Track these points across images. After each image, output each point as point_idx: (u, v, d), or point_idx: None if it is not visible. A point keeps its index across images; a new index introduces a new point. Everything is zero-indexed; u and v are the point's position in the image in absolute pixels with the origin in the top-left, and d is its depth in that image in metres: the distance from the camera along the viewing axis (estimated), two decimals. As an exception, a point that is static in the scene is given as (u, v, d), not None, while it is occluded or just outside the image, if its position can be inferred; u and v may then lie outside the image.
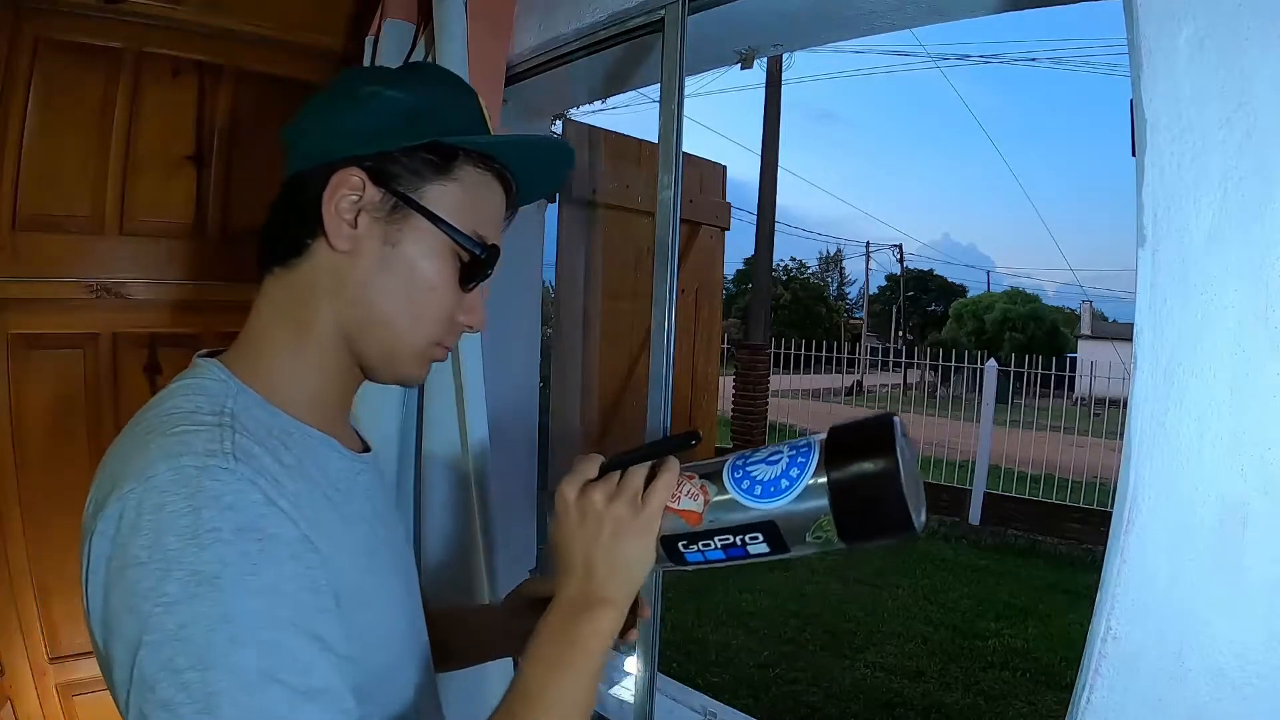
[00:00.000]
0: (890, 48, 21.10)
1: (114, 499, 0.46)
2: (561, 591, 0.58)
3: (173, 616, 0.42)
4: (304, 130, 0.62)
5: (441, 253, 0.60)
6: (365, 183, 0.57)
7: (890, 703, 3.43)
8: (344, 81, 0.62)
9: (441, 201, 0.59)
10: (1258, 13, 0.56)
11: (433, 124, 0.59)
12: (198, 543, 0.43)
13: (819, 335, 18.48)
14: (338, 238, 0.57)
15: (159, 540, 0.43)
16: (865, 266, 26.89)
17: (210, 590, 0.43)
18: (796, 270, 30.73)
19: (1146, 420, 0.62)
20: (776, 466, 0.53)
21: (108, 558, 0.45)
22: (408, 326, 0.60)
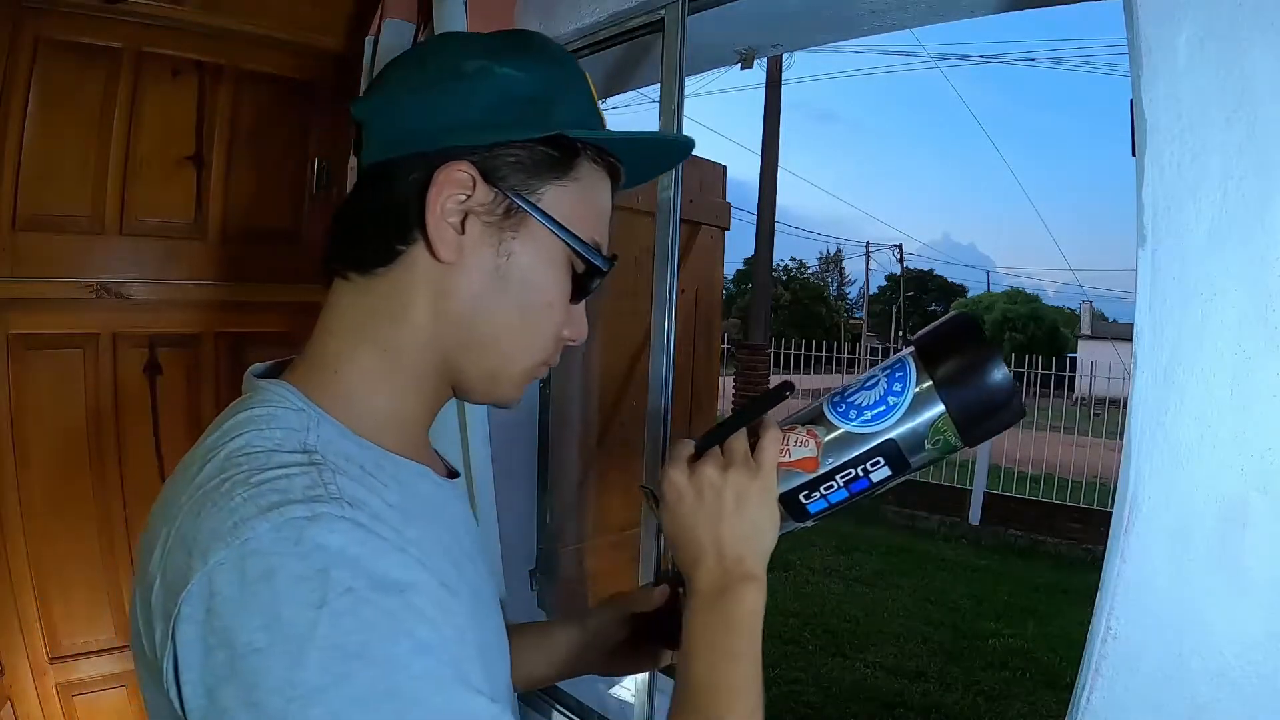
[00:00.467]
0: (890, 48, 21.11)
1: (198, 573, 0.37)
2: (696, 580, 0.54)
3: (318, 708, 0.34)
4: (390, 108, 0.50)
5: (558, 263, 0.52)
6: (476, 180, 0.48)
7: (890, 703, 3.43)
8: (439, 52, 0.52)
9: (560, 205, 0.51)
10: (1258, 13, 0.56)
11: (555, 113, 0.50)
12: (331, 611, 0.35)
13: (819, 335, 18.48)
14: (443, 246, 0.48)
15: (278, 614, 0.35)
16: (865, 266, 26.92)
17: (361, 666, 0.35)
18: (796, 270, 30.77)
19: (1146, 420, 0.62)
20: (876, 390, 0.54)
21: (206, 647, 0.36)
22: (518, 347, 0.52)
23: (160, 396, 1.58)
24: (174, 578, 0.38)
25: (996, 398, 0.51)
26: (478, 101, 0.49)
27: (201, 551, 0.38)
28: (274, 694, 0.34)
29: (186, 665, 0.37)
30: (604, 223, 0.55)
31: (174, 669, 0.37)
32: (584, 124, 0.52)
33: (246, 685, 0.35)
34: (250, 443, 0.44)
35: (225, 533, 0.38)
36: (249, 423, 0.46)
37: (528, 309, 0.51)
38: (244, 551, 0.37)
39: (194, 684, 0.37)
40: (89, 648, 1.52)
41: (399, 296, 0.50)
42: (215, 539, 0.38)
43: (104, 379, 1.51)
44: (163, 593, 0.39)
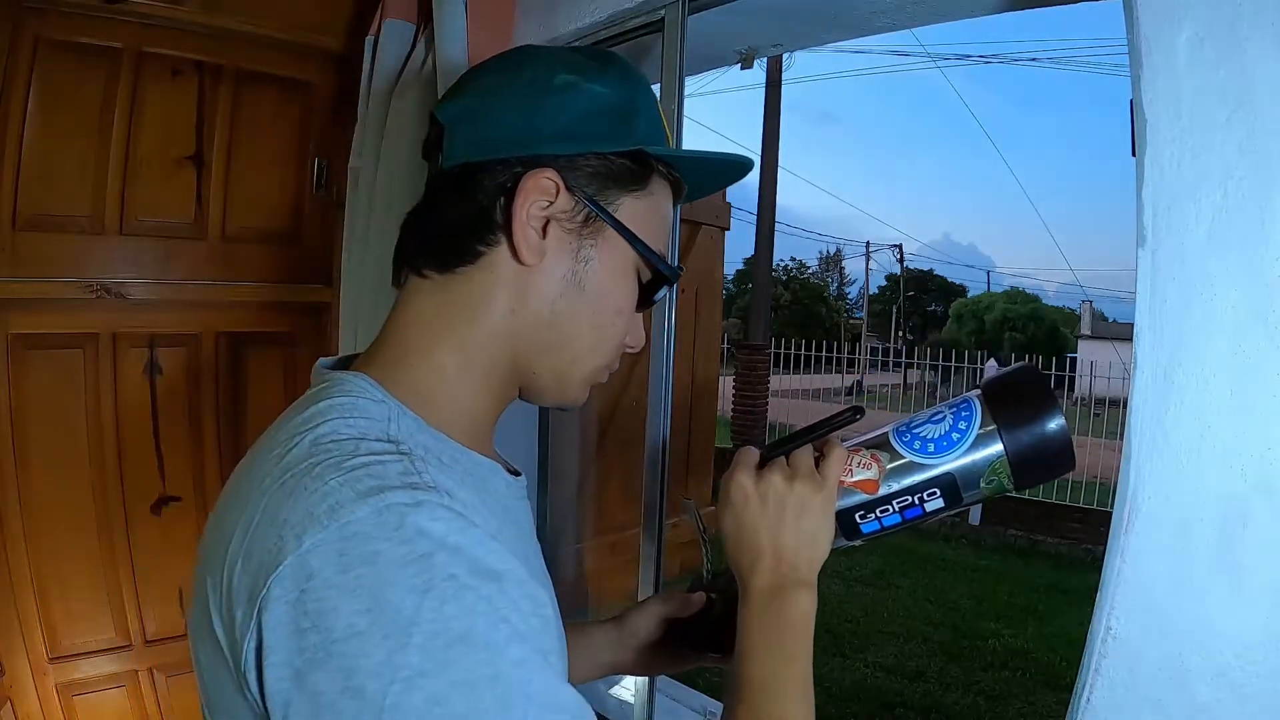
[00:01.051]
0: (890, 48, 21.12)
1: (291, 554, 0.37)
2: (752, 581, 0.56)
3: (421, 691, 0.35)
4: (479, 115, 0.52)
5: (629, 271, 0.54)
6: (559, 187, 0.50)
7: (890, 703, 3.43)
8: (528, 64, 0.54)
9: (634, 216, 0.53)
10: (1257, 12, 0.56)
11: (636, 127, 0.53)
12: (437, 594, 0.36)
13: (819, 335, 18.49)
14: (526, 249, 0.50)
15: (382, 598, 0.35)
16: (865, 266, 26.91)
17: (464, 651, 0.36)
18: (796, 270, 30.74)
19: (1146, 420, 0.62)
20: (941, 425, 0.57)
21: (298, 629, 0.36)
22: (589, 350, 0.54)
23: (160, 396, 1.58)
24: (262, 559, 0.38)
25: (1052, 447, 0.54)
26: (566, 114, 0.51)
27: (296, 533, 0.38)
28: (375, 677, 0.34)
29: (273, 648, 0.36)
30: (668, 234, 0.58)
31: (256, 651, 0.37)
32: (657, 140, 0.54)
33: (345, 669, 0.35)
34: (336, 430, 0.44)
35: (322, 515, 0.38)
36: (331, 410, 0.46)
37: (600, 314, 0.54)
38: (344, 534, 0.37)
39: (280, 666, 0.36)
40: (89, 648, 1.52)
41: (479, 295, 0.52)
42: (311, 521, 0.38)
43: (104, 379, 1.51)
44: (247, 575, 0.39)
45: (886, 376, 16.45)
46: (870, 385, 14.33)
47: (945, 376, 9.26)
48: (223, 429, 1.66)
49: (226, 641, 0.40)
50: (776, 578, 0.55)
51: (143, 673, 1.58)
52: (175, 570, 1.60)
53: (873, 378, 16.13)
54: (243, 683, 0.38)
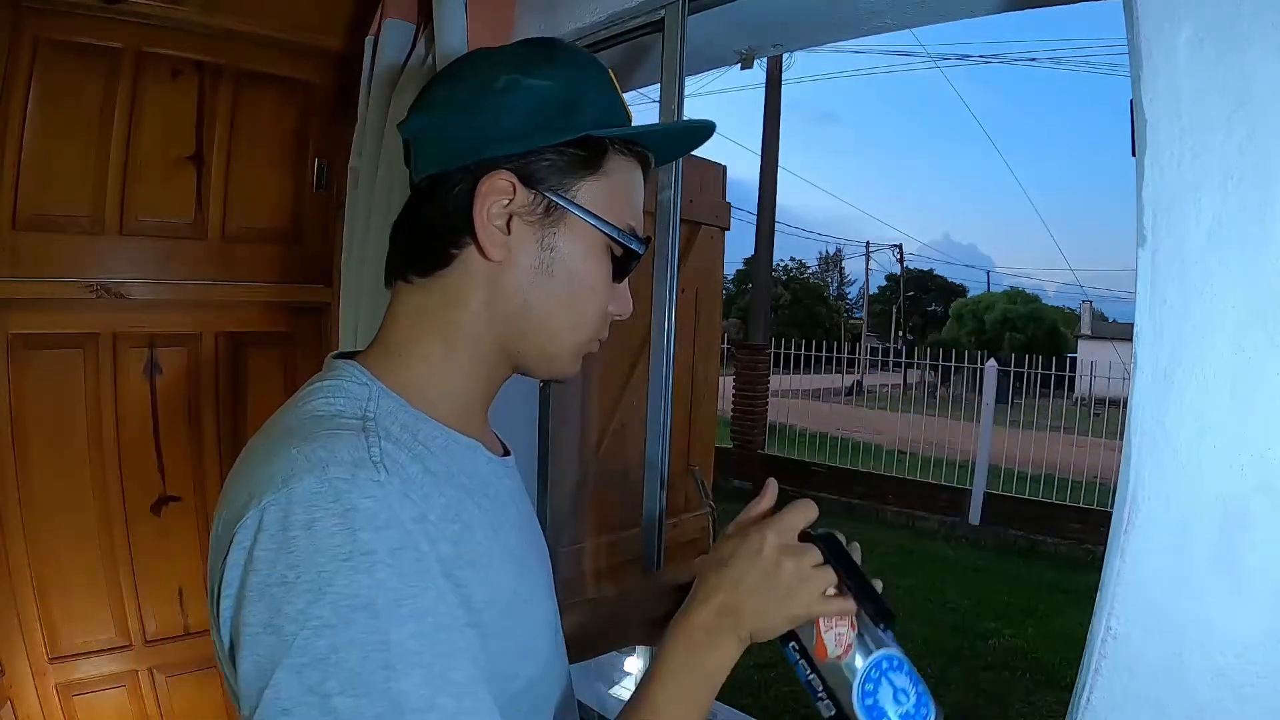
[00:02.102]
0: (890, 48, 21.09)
1: (252, 508, 0.44)
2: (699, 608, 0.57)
3: (323, 640, 0.40)
4: (434, 127, 0.56)
5: (597, 250, 0.57)
6: (515, 185, 0.54)
7: (890, 703, 3.43)
8: (472, 69, 0.57)
9: (595, 198, 0.56)
10: (1257, 12, 0.56)
11: (582, 115, 0.55)
12: (352, 565, 0.42)
13: (819, 335, 18.49)
14: (492, 247, 0.54)
15: (310, 560, 0.41)
16: (865, 266, 26.89)
17: (366, 616, 0.41)
18: (796, 270, 30.72)
19: (1146, 420, 0.62)
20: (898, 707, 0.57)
21: (244, 570, 0.43)
22: (568, 328, 0.58)
23: (160, 396, 1.58)
24: (234, 511, 0.45)
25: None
26: (510, 113, 0.54)
27: (259, 493, 0.44)
28: (291, 620, 0.41)
29: (228, 582, 0.44)
30: (637, 207, 0.60)
31: (219, 585, 0.44)
32: (609, 120, 0.56)
33: (270, 609, 0.41)
34: (317, 409, 0.51)
35: (278, 481, 0.44)
36: (319, 392, 0.53)
37: (573, 295, 0.57)
38: (290, 499, 0.43)
39: (230, 598, 0.43)
40: (89, 648, 1.52)
41: (456, 293, 0.57)
42: (269, 484, 0.44)
43: (104, 379, 1.51)
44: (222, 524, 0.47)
45: (886, 376, 16.44)
46: (870, 385, 14.31)
47: (945, 377, 9.25)
48: (223, 429, 1.66)
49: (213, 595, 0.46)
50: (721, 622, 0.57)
51: (143, 673, 1.58)
52: (175, 570, 1.60)
53: (873, 378, 16.11)
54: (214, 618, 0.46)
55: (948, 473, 7.07)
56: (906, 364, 16.01)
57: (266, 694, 0.40)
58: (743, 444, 7.92)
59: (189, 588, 1.62)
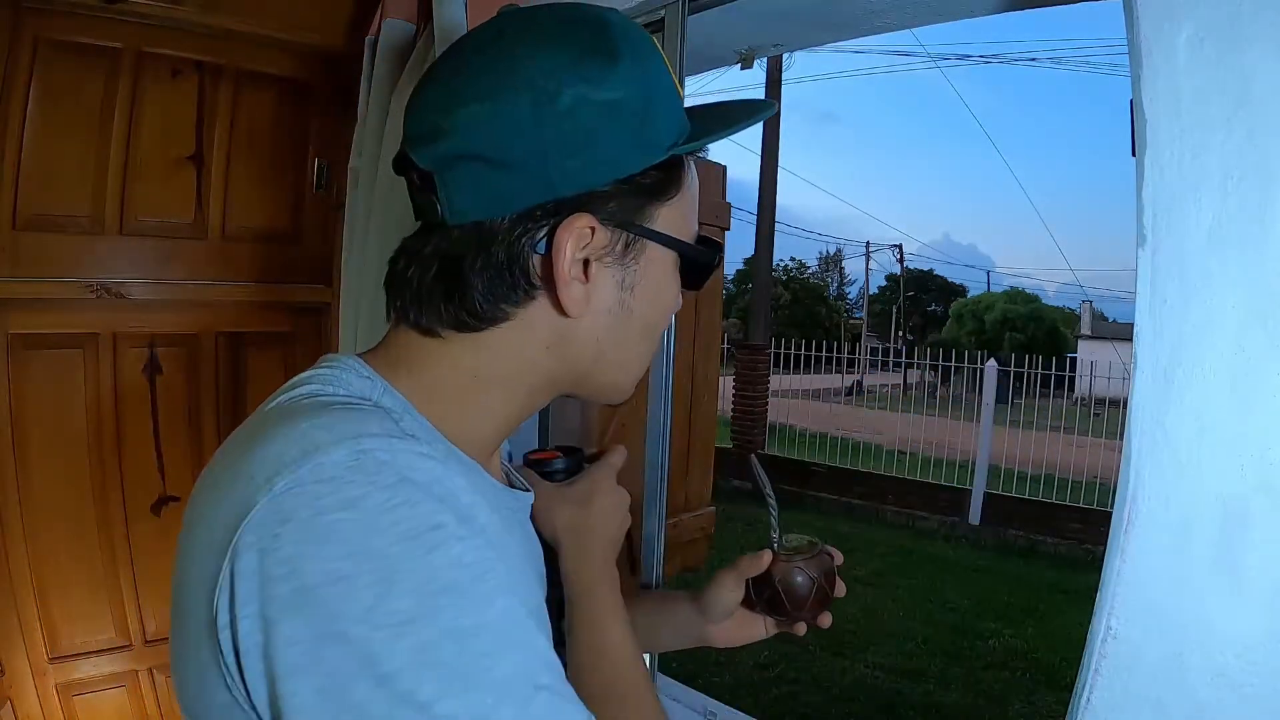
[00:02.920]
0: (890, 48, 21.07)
1: (262, 497, 0.35)
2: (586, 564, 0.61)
3: (408, 639, 0.33)
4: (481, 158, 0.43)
5: (672, 273, 0.51)
6: (596, 228, 0.45)
7: (890, 703, 3.43)
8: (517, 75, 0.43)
9: (672, 220, 0.49)
10: (1257, 13, 0.56)
11: (659, 128, 0.46)
12: (422, 543, 0.35)
13: (819, 335, 18.49)
14: (572, 303, 0.45)
15: (367, 544, 0.34)
16: (865, 266, 26.91)
17: (452, 599, 0.35)
18: (796, 270, 30.71)
19: (1146, 420, 0.62)
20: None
21: (269, 577, 0.34)
22: (642, 356, 0.53)
23: (160, 396, 1.58)
24: (232, 508, 0.36)
25: None
26: (585, 142, 0.43)
27: (266, 478, 0.36)
28: (359, 623, 0.33)
29: (244, 599, 0.34)
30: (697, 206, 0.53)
31: (230, 605, 0.35)
32: (681, 124, 0.48)
33: (326, 615, 0.33)
34: (315, 392, 0.44)
35: (293, 459, 0.36)
36: (312, 379, 0.46)
37: (650, 326, 0.51)
38: (319, 476, 0.35)
39: (252, 618, 0.34)
40: (89, 648, 1.52)
41: (509, 350, 0.48)
42: (281, 464, 0.36)
43: (104, 379, 1.51)
44: (219, 528, 0.36)
45: (886, 376, 16.44)
46: (870, 385, 14.31)
47: (945, 376, 9.26)
48: (223, 429, 1.66)
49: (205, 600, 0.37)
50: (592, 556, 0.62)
51: (143, 673, 1.58)
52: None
53: (873, 378, 16.11)
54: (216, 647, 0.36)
55: (948, 473, 7.06)
56: (906, 364, 16.02)
57: (348, 717, 0.33)
58: (743, 444, 7.92)
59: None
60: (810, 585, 0.73)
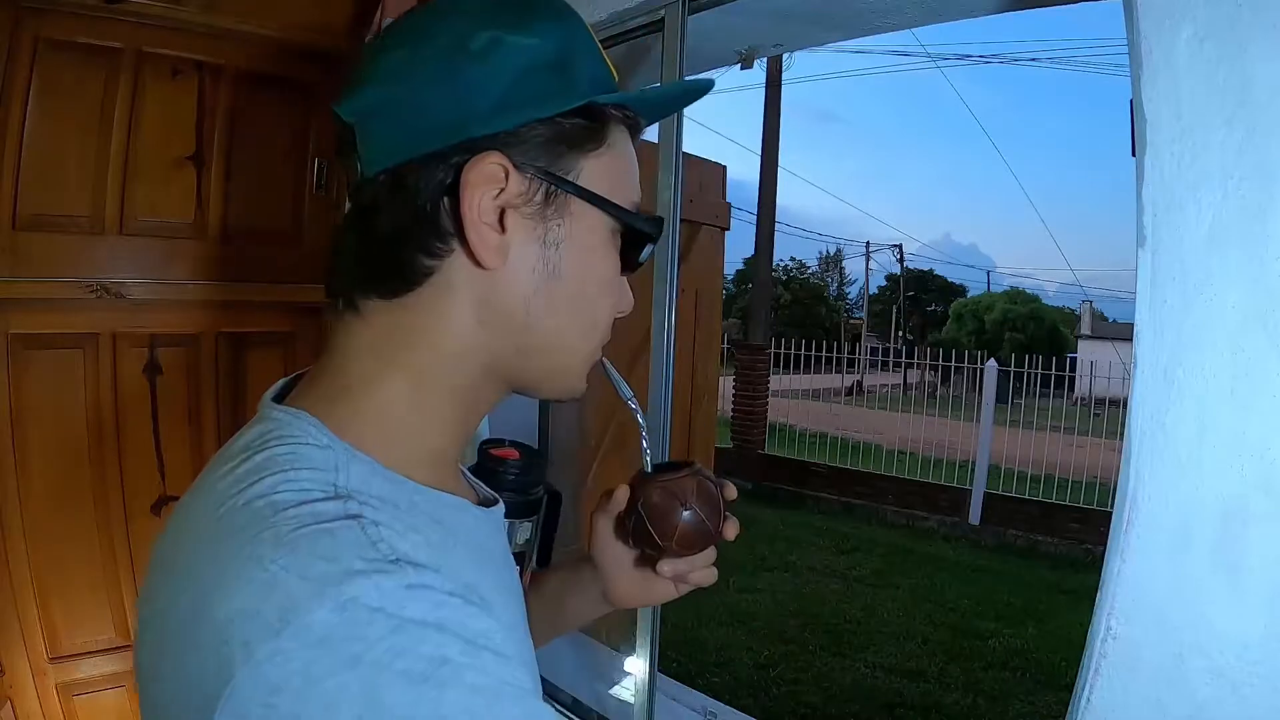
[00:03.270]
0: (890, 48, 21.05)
1: (243, 670, 0.32)
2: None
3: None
4: (393, 103, 0.44)
5: (606, 239, 0.48)
6: (509, 170, 0.43)
7: (890, 703, 3.43)
8: (435, 28, 0.44)
9: (599, 177, 0.46)
10: (1258, 13, 0.56)
11: (577, 77, 0.45)
12: (433, 683, 0.33)
13: (819, 335, 18.47)
14: (486, 251, 0.43)
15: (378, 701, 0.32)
16: (865, 266, 26.91)
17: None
18: (796, 270, 30.71)
19: (1146, 420, 0.62)
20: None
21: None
22: (581, 337, 0.49)
23: (160, 396, 1.58)
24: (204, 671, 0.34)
25: None
26: (496, 81, 0.42)
27: (242, 640, 0.33)
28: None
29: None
30: (637, 182, 0.50)
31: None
32: (605, 82, 0.47)
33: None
34: (275, 487, 0.39)
35: (272, 619, 0.33)
36: (270, 464, 0.41)
37: (583, 297, 0.47)
38: (307, 641, 0.32)
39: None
40: (89, 648, 1.52)
41: (436, 316, 0.45)
42: (258, 624, 0.33)
43: (104, 379, 1.51)
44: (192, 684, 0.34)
45: (886, 376, 16.44)
46: (870, 385, 14.30)
47: (945, 376, 9.26)
48: (223, 429, 1.66)
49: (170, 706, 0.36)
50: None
51: (143, 673, 1.58)
52: (175, 570, 1.60)
53: (873, 378, 16.10)
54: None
55: (948, 473, 7.07)
56: (906, 364, 16.02)
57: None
58: (743, 444, 7.92)
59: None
60: (676, 508, 0.61)
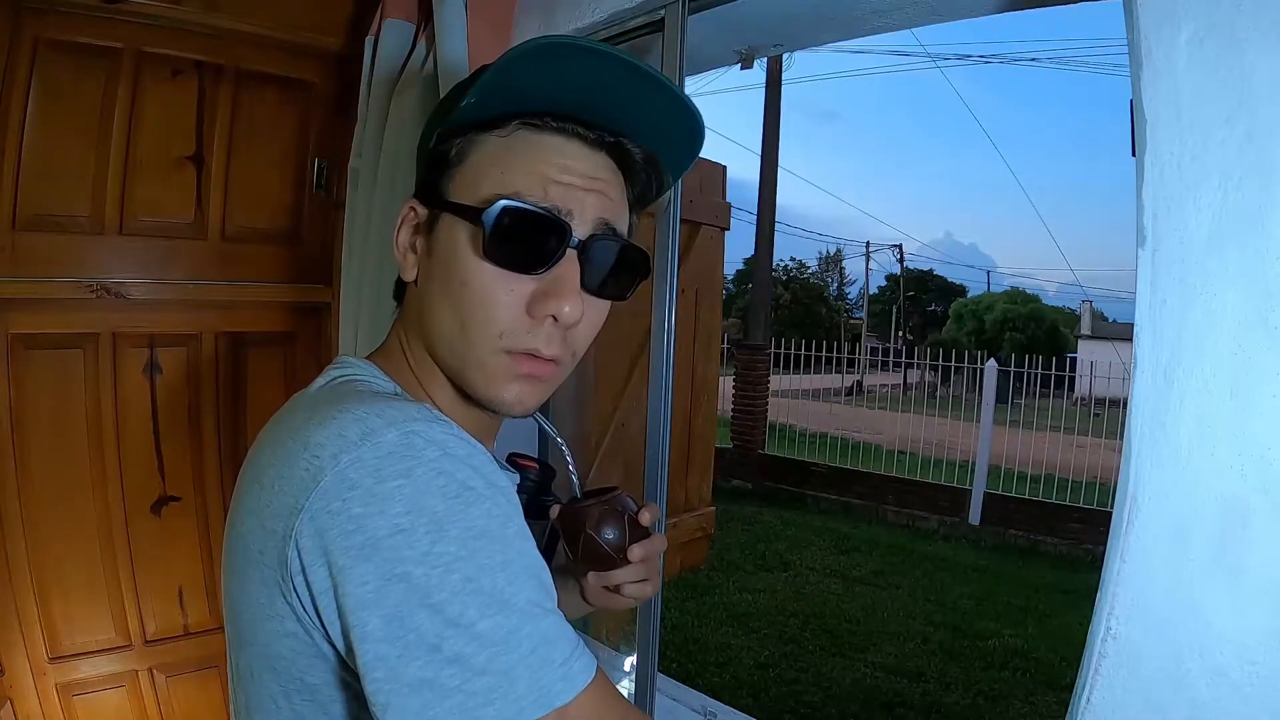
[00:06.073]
0: (890, 48, 21.09)
1: (329, 469, 0.43)
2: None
3: (455, 573, 0.42)
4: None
5: (466, 238, 0.52)
6: (415, 207, 0.57)
7: (890, 703, 3.43)
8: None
9: (462, 186, 0.53)
10: (1257, 12, 0.56)
11: (453, 110, 0.53)
12: (463, 500, 0.44)
13: (819, 335, 18.46)
14: (405, 271, 0.57)
15: (420, 504, 0.42)
16: (865, 266, 26.91)
17: (485, 543, 0.43)
18: (796, 270, 30.69)
19: (1146, 420, 0.62)
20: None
21: (338, 533, 0.42)
22: (459, 333, 0.53)
23: (160, 396, 1.58)
24: (300, 479, 0.44)
25: None
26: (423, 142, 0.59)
27: (332, 453, 0.44)
28: (419, 564, 0.41)
29: (310, 554, 0.43)
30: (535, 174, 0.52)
31: (300, 555, 0.43)
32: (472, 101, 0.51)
33: (390, 560, 0.41)
34: (355, 384, 0.53)
35: (355, 439, 0.44)
36: (343, 376, 0.55)
37: (450, 294, 0.54)
38: (379, 452, 0.43)
39: (319, 568, 0.43)
40: (89, 648, 1.52)
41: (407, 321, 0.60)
42: (344, 443, 0.44)
43: (104, 379, 1.51)
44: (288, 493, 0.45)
45: (886, 376, 16.44)
46: (870, 385, 14.30)
47: (945, 376, 9.25)
48: (223, 429, 1.66)
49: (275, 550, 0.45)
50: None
51: (143, 673, 1.58)
52: (175, 570, 1.60)
53: (872, 378, 16.10)
54: (290, 589, 0.45)
55: (948, 473, 7.06)
56: (906, 364, 16.02)
57: (409, 639, 0.41)
58: (743, 444, 7.91)
59: (189, 588, 1.62)
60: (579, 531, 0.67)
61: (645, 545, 0.69)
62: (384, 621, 0.41)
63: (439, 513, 0.43)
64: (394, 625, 0.41)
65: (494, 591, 0.42)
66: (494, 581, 0.43)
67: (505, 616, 0.42)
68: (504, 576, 0.43)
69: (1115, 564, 0.63)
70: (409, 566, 0.41)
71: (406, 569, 0.41)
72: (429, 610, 0.41)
